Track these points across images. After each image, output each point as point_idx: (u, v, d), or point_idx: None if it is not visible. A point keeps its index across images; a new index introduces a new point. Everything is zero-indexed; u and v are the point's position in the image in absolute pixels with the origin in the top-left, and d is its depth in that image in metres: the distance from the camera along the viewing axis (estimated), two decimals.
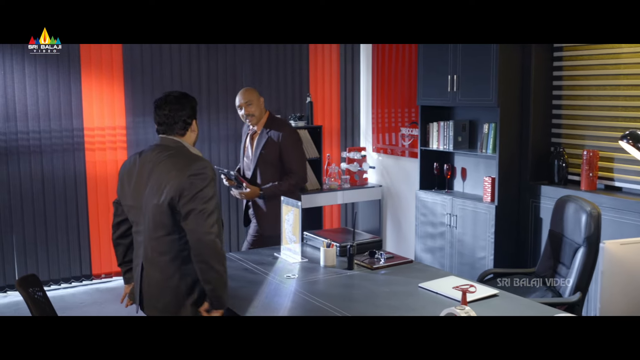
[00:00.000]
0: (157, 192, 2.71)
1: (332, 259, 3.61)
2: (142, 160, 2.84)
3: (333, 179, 6.54)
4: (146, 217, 2.77)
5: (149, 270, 2.82)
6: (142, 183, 2.79)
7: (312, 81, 6.81)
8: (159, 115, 2.84)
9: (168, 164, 2.74)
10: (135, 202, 2.82)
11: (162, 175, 2.71)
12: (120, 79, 5.91)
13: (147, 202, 2.76)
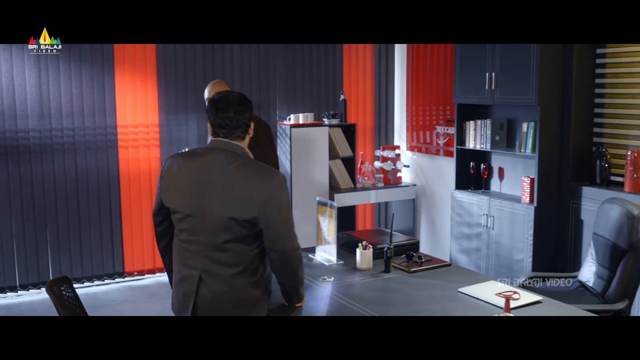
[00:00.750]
0: (234, 204, 2.54)
1: (369, 261, 3.53)
2: (199, 165, 2.62)
3: (366, 178, 6.46)
4: (210, 227, 2.57)
5: (209, 282, 2.60)
6: (205, 191, 2.58)
7: (346, 78, 6.72)
8: (221, 117, 2.64)
9: (243, 174, 2.59)
10: (194, 210, 2.59)
11: (240, 186, 2.56)
12: (154, 77, 5.89)
13: (214, 212, 2.55)
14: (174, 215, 2.67)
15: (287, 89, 6.44)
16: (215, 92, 3.72)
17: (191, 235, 2.62)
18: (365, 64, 6.82)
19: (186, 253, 2.65)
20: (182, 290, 2.66)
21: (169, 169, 2.69)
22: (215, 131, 2.67)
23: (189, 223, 2.61)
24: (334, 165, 6.28)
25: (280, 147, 6.20)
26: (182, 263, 2.67)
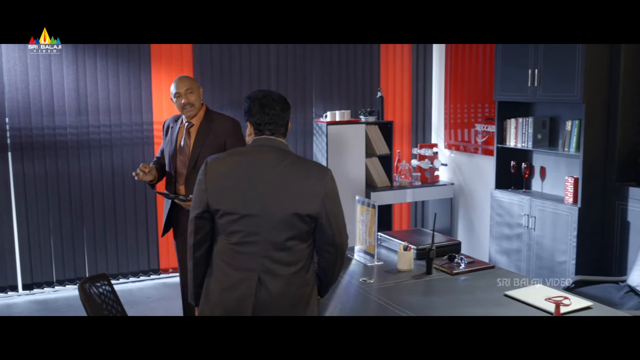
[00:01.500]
0: (296, 199, 2.52)
1: (410, 262, 3.45)
2: (250, 163, 2.57)
3: (403, 176, 6.36)
4: (271, 226, 2.52)
5: (269, 283, 2.53)
6: (263, 190, 2.52)
7: (383, 75, 6.63)
8: (267, 114, 2.60)
9: (299, 169, 2.57)
10: (253, 210, 2.52)
11: (299, 182, 2.54)
12: (190, 74, 5.87)
13: (277, 210, 2.51)
14: (225, 218, 2.55)
15: (323, 86, 6.37)
16: (185, 86, 3.89)
17: (247, 237, 2.53)
18: (403, 61, 6.71)
19: (240, 256, 2.55)
20: (234, 297, 2.55)
21: (214, 171, 2.58)
22: (260, 129, 2.63)
23: (246, 224, 2.53)
24: (370, 163, 6.20)
25: (317, 144, 6.13)
26: (234, 267, 2.57)
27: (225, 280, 2.57)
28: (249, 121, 2.66)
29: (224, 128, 3.91)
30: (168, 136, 4.04)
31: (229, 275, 2.56)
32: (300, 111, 6.29)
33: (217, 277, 2.60)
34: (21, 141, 5.38)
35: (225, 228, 2.56)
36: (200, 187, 2.59)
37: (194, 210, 2.60)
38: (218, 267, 2.60)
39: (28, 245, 5.50)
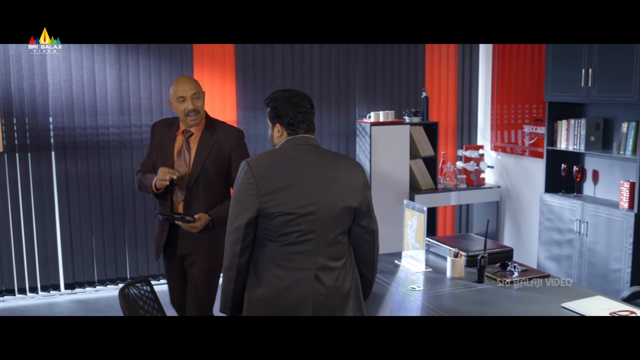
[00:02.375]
0: (345, 193, 2.57)
1: (460, 270, 3.31)
2: (297, 162, 2.54)
3: (448, 179, 6.20)
4: (326, 222, 2.53)
5: (325, 280, 2.55)
6: (316, 187, 2.52)
7: (428, 75, 6.47)
8: (300, 112, 2.60)
9: (340, 164, 2.61)
10: (310, 208, 2.51)
11: (343, 176, 2.58)
12: (232, 74, 5.81)
13: (331, 205, 2.53)
14: (280, 219, 2.49)
15: (366, 86, 6.25)
16: (191, 89, 3.35)
17: (303, 236, 2.52)
18: (448, 60, 6.55)
19: (294, 256, 2.53)
20: (290, 299, 2.52)
21: (263, 173, 2.51)
22: (294, 128, 2.61)
23: (303, 223, 2.51)
24: (414, 164, 6.06)
25: (359, 145, 6.02)
26: (287, 268, 2.53)
27: (279, 283, 2.53)
28: (278, 123, 2.62)
29: (228, 139, 3.44)
30: (159, 144, 3.48)
31: (283, 277, 2.52)
32: (343, 111, 6.17)
33: (268, 281, 2.53)
34: (64, 141, 5.38)
35: (279, 230, 2.51)
36: (250, 191, 2.50)
37: (242, 216, 2.50)
38: (268, 271, 2.54)
39: (70, 245, 5.50)
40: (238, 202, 2.52)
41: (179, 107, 3.37)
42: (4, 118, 5.15)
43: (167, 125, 3.52)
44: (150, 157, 3.55)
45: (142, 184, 3.49)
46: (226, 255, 2.54)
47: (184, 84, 3.38)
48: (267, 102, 2.66)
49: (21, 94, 5.22)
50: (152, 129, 3.56)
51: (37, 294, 5.46)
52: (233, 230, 2.52)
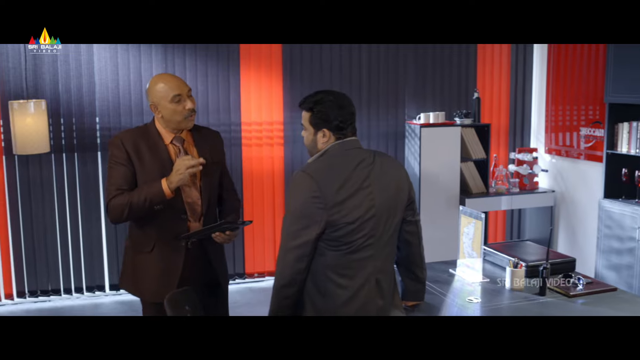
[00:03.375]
0: (400, 193, 2.55)
1: (521, 281, 3.12)
2: (351, 167, 2.44)
3: (500, 182, 5.99)
4: (382, 223, 2.48)
5: (383, 282, 2.51)
6: (373, 191, 2.45)
7: (480, 75, 6.27)
8: (348, 114, 2.51)
9: (388, 163, 2.56)
10: (370, 213, 2.43)
11: (394, 176, 2.55)
12: (279, 73, 5.70)
13: (385, 206, 2.48)
14: (345, 229, 2.39)
15: (416, 86, 6.08)
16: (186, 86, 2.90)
17: (365, 241, 2.44)
18: (501, 59, 6.34)
19: (356, 263, 2.45)
20: (355, 307, 2.44)
21: (325, 185, 2.38)
22: (344, 132, 2.51)
23: (365, 228, 2.43)
24: (465, 167, 5.87)
25: (409, 147, 5.86)
26: (349, 277, 2.44)
27: (343, 293, 2.43)
28: (325, 127, 2.49)
29: (216, 141, 3.09)
30: (140, 160, 2.87)
31: (347, 287, 2.44)
32: (392, 112, 6.02)
33: (331, 292, 2.43)
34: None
35: (342, 239, 2.41)
36: (316, 204, 2.37)
37: (309, 231, 2.38)
38: (330, 282, 2.43)
39: (115, 246, 5.46)
40: (303, 217, 2.39)
41: (174, 108, 2.84)
42: (51, 118, 5.14)
43: (139, 135, 2.91)
44: (124, 176, 2.85)
45: (138, 199, 2.79)
46: (284, 272, 2.41)
47: (176, 80, 2.90)
48: (310, 106, 2.52)
49: (68, 94, 5.20)
50: (120, 144, 2.86)
51: (82, 294, 5.44)
52: (298, 246, 2.39)
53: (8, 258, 5.28)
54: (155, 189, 2.78)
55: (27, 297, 5.33)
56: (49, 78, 5.13)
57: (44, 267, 5.33)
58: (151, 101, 2.89)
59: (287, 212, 2.46)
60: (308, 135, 2.55)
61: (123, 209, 2.80)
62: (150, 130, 2.93)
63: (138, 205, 2.79)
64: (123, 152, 2.85)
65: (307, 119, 2.53)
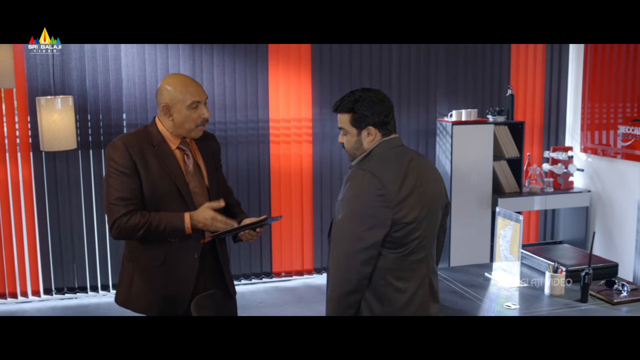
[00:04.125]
0: (443, 191, 2.54)
1: (561, 287, 2.99)
2: (404, 165, 2.38)
3: (534, 182, 5.83)
4: (432, 223, 2.46)
5: (434, 284, 2.50)
6: (425, 190, 2.42)
7: (514, 71, 6.10)
8: (391, 111, 2.47)
9: (428, 165, 2.53)
10: (424, 211, 2.39)
11: (433, 172, 2.53)
12: (308, 70, 5.60)
13: (434, 205, 2.47)
14: (405, 229, 2.33)
15: (448, 83, 5.93)
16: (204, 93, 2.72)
17: (420, 242, 2.39)
18: (536, 55, 6.16)
19: (413, 265, 2.39)
20: (411, 311, 2.38)
21: (388, 182, 2.31)
22: (389, 129, 2.46)
23: (420, 228, 2.38)
24: (498, 166, 5.72)
25: (440, 145, 5.72)
26: (406, 279, 2.38)
27: (401, 298, 2.37)
28: (370, 125, 2.42)
29: (216, 147, 2.94)
30: (148, 168, 2.65)
31: (405, 291, 2.37)
32: (423, 110, 5.88)
33: (389, 297, 2.35)
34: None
35: (400, 240, 2.34)
36: (382, 203, 2.29)
37: (375, 232, 2.29)
38: (389, 286, 2.36)
39: None
40: (368, 217, 2.29)
41: (189, 114, 2.66)
42: (78, 114, 5.10)
43: (146, 141, 2.68)
44: (130, 187, 2.62)
45: (157, 227, 2.60)
46: (350, 278, 2.31)
47: (196, 85, 2.70)
48: (350, 106, 2.42)
49: (96, 90, 5.15)
50: (125, 150, 2.62)
51: (108, 292, 5.40)
52: (365, 248, 2.29)
53: (35, 255, 5.26)
54: (177, 222, 2.61)
55: (53, 294, 5.30)
56: (76, 74, 5.09)
57: (70, 264, 5.30)
58: (163, 102, 2.67)
59: (347, 213, 2.32)
60: (350, 138, 2.46)
61: (136, 231, 2.60)
62: (153, 135, 2.70)
63: (155, 232, 2.61)
64: (128, 159, 2.61)
65: (347, 120, 2.44)
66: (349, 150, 2.49)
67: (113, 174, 2.62)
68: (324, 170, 5.74)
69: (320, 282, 5.73)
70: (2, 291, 5.21)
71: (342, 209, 2.34)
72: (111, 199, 2.61)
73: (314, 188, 5.75)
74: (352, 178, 2.35)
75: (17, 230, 5.19)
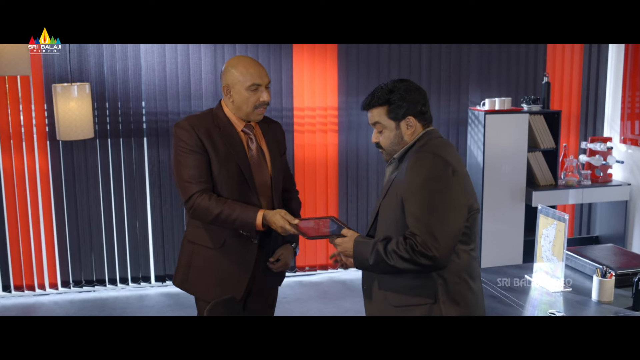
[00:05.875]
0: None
1: (610, 292, 2.75)
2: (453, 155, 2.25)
3: (570, 174, 5.56)
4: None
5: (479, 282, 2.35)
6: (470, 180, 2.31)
7: (550, 57, 5.81)
8: (425, 95, 2.31)
9: None
10: (477, 202, 2.26)
11: None
12: (334, 56, 5.37)
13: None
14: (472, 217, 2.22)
15: (480, 70, 5.66)
16: (267, 76, 2.67)
17: (476, 237, 2.27)
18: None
19: (475, 262, 2.27)
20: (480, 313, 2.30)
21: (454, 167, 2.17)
22: (425, 117, 2.30)
23: (477, 219, 2.26)
24: (532, 158, 5.46)
25: (471, 135, 5.47)
26: (474, 278, 2.26)
27: (473, 299, 2.25)
28: (410, 115, 2.25)
29: (278, 131, 2.90)
30: (215, 149, 2.64)
31: (476, 291, 2.27)
32: (454, 98, 5.62)
33: (465, 298, 2.22)
34: (157, 126, 5.12)
35: (470, 230, 2.22)
36: (460, 189, 2.17)
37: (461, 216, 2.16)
38: (464, 285, 2.22)
39: (162, 236, 5.25)
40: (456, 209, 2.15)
41: (248, 96, 2.63)
42: (96, 102, 4.93)
43: (212, 123, 2.68)
44: (200, 166, 2.63)
45: (229, 216, 2.59)
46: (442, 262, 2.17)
47: (258, 68, 2.67)
48: (386, 97, 2.24)
49: (114, 77, 4.98)
50: (192, 129, 2.63)
51: (127, 285, 5.25)
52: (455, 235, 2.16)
53: (53, 247, 5.13)
54: (250, 216, 2.57)
55: (71, 287, 5.17)
56: (93, 60, 4.91)
57: (88, 257, 5.16)
58: (225, 83, 2.68)
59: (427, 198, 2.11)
60: (388, 133, 2.28)
61: (209, 215, 2.60)
62: (219, 116, 2.71)
63: (226, 221, 2.60)
64: (196, 138, 2.62)
65: (383, 114, 2.27)
66: (388, 147, 2.29)
67: (183, 152, 2.64)
68: (350, 160, 5.52)
69: (345, 277, 5.53)
70: (19, 284, 5.09)
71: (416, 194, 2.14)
72: (184, 177, 2.63)
73: (339, 179, 5.53)
74: (422, 162, 2.15)
75: (34, 222, 5.06)
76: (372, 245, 2.17)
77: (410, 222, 2.12)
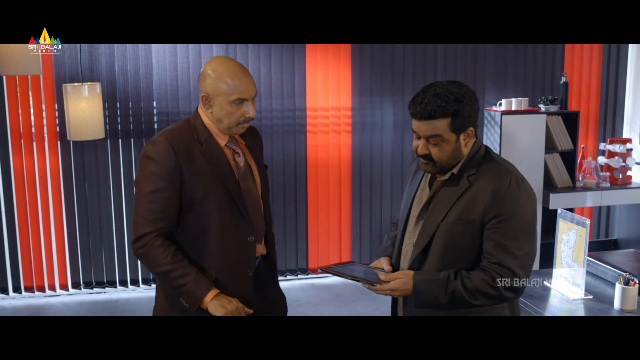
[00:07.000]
0: None
1: (633, 301, 2.66)
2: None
3: (589, 176, 5.45)
4: None
5: None
6: None
7: (568, 57, 5.70)
8: None
9: None
10: None
11: None
12: (347, 56, 5.30)
13: None
14: None
15: (497, 70, 5.57)
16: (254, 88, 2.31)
17: None
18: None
19: None
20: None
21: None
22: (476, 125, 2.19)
23: None
24: (550, 159, 5.36)
25: (488, 136, 5.37)
26: None
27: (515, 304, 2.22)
28: (470, 126, 2.04)
29: (260, 142, 2.55)
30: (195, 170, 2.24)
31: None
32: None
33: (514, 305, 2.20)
34: (168, 126, 5.06)
35: None
36: None
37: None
38: None
39: None
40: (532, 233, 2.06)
41: (231, 111, 2.24)
42: (107, 102, 4.89)
43: (191, 138, 2.28)
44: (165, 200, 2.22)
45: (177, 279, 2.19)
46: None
47: (246, 79, 2.27)
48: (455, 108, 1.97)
49: (125, 77, 4.93)
50: (170, 149, 2.22)
51: (137, 287, 5.20)
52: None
53: (63, 248, 5.08)
54: (198, 291, 2.18)
55: (82, 288, 5.13)
56: (104, 60, 4.87)
57: (99, 258, 5.12)
58: (204, 91, 2.26)
59: (522, 230, 2.01)
60: (446, 146, 2.02)
61: (157, 267, 2.22)
62: (199, 129, 2.30)
63: (172, 282, 2.20)
64: (171, 160, 2.21)
65: (446, 126, 1.99)
66: (442, 160, 2.05)
67: (149, 177, 2.22)
68: (363, 162, 5.44)
69: None
70: (29, 285, 5.06)
71: (512, 228, 2.00)
72: (140, 210, 2.23)
73: (352, 180, 5.46)
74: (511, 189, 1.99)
75: (44, 223, 5.02)
76: (443, 285, 1.99)
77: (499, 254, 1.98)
